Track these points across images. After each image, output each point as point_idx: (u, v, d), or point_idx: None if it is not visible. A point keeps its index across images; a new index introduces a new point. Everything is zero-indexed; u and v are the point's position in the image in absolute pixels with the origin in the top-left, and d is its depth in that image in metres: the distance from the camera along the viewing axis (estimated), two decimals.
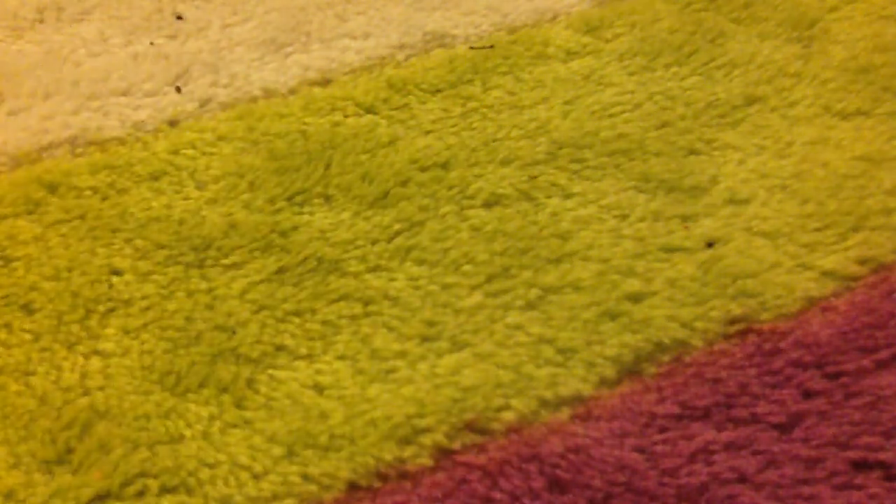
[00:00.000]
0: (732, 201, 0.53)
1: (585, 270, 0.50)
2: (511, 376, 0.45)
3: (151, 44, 0.68)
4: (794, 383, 0.45)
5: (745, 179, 0.54)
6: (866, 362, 0.45)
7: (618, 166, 0.56)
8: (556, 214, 0.54)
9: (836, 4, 0.61)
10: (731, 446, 0.42)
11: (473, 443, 0.43)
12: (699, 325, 0.48)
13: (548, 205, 0.54)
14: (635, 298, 0.49)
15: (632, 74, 0.62)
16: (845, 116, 0.56)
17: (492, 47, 0.66)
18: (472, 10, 0.69)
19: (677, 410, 0.44)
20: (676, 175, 0.55)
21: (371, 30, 0.69)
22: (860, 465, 0.42)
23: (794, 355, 0.46)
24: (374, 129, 0.60)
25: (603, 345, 0.47)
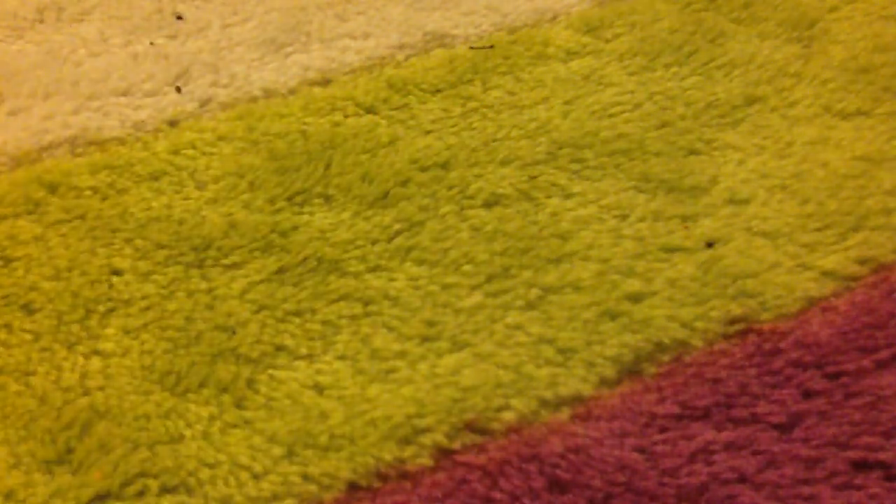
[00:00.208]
0: (732, 201, 0.53)
1: (585, 270, 0.50)
2: (511, 376, 0.45)
3: (151, 44, 0.69)
4: (794, 383, 0.45)
5: (745, 179, 0.54)
6: (866, 362, 0.45)
7: (618, 166, 0.56)
8: (556, 214, 0.54)
9: (836, 4, 0.61)
10: (731, 446, 0.42)
11: (473, 443, 0.43)
12: (699, 325, 0.48)
13: (548, 205, 0.54)
14: (635, 298, 0.49)
15: (632, 74, 0.62)
16: (845, 116, 0.56)
17: (492, 47, 0.66)
18: (472, 10, 0.69)
19: (677, 410, 0.44)
20: (676, 175, 0.55)
21: (371, 30, 0.69)
22: (860, 465, 0.42)
23: (794, 355, 0.46)
24: (374, 129, 0.60)
25: (603, 345, 0.47)
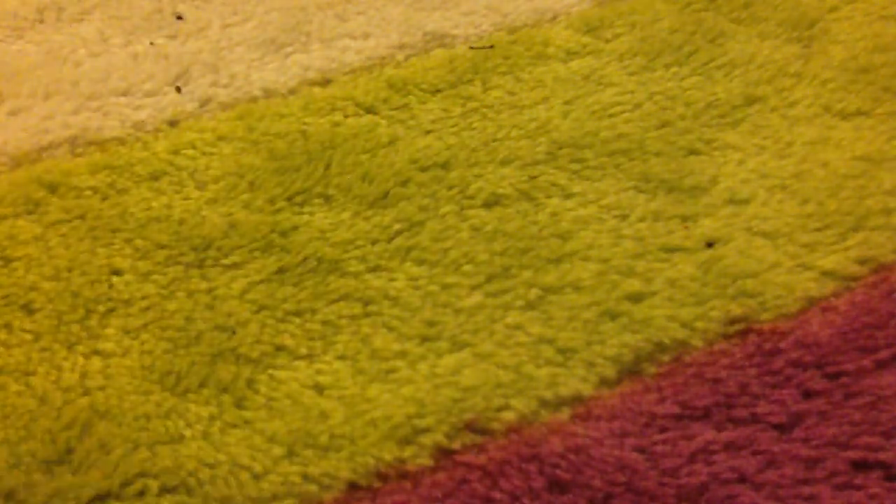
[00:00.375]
0: (732, 201, 0.53)
1: (585, 270, 0.50)
2: (511, 376, 0.45)
3: (151, 44, 0.68)
4: (794, 383, 0.45)
5: (745, 179, 0.54)
6: (866, 362, 0.45)
7: (618, 166, 0.56)
8: (556, 214, 0.54)
9: (836, 4, 0.61)
10: (731, 446, 0.42)
11: (473, 443, 0.43)
12: (699, 325, 0.48)
13: (548, 205, 0.54)
14: (635, 298, 0.49)
15: (632, 74, 0.62)
16: (845, 116, 0.56)
17: (492, 47, 0.66)
18: (472, 10, 0.69)
19: (677, 410, 0.44)
20: (676, 175, 0.55)
21: (371, 30, 0.69)
22: (860, 465, 0.42)
23: (794, 355, 0.46)
24: (374, 129, 0.60)
25: (603, 345, 0.47)
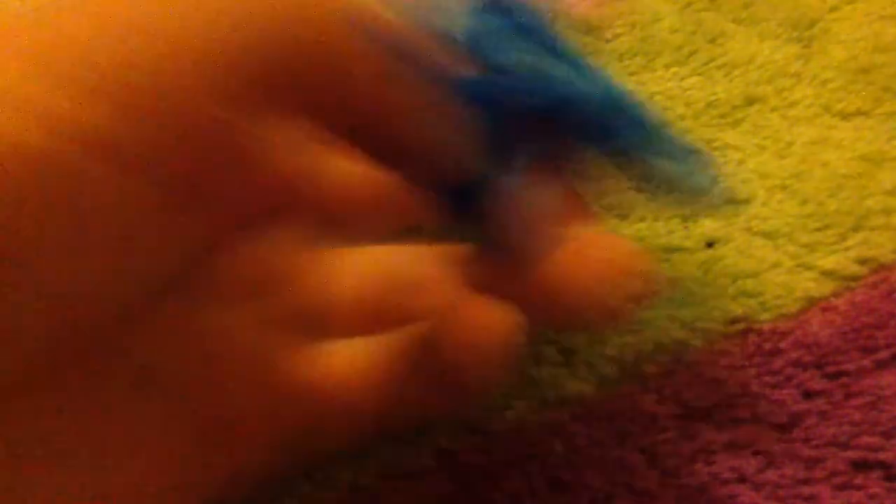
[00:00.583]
0: (732, 201, 0.53)
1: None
2: (512, 377, 0.45)
3: None
4: (794, 383, 0.45)
5: (745, 179, 0.54)
6: (866, 362, 0.45)
7: (618, 166, 0.56)
8: None
9: (836, 4, 0.61)
10: (731, 446, 0.42)
11: (474, 443, 0.43)
12: (699, 325, 0.48)
13: None
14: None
15: (632, 74, 0.62)
16: (845, 116, 0.56)
17: None
18: None
19: (677, 410, 0.44)
20: (676, 175, 0.55)
21: None
22: (860, 465, 0.42)
23: (794, 355, 0.46)
24: None
25: (603, 345, 0.47)
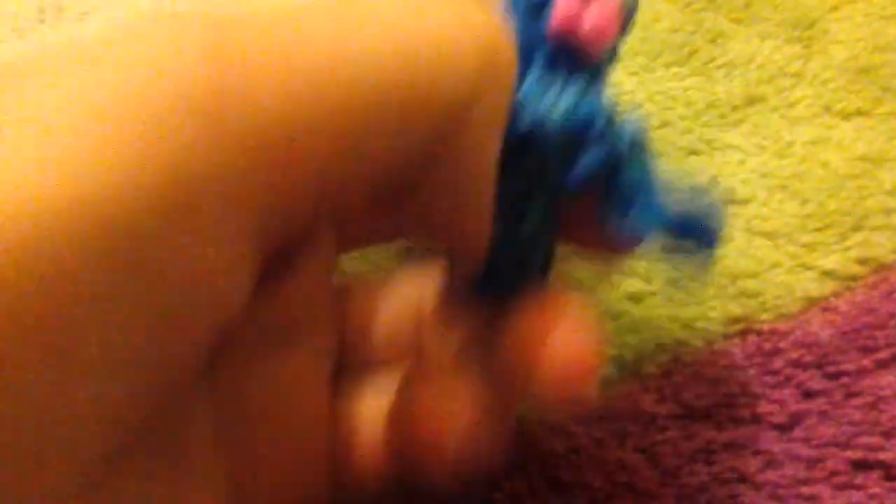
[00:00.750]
0: (732, 201, 0.53)
1: (586, 270, 0.50)
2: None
3: None
4: (794, 383, 0.45)
5: (745, 179, 0.54)
6: (866, 362, 0.45)
7: None
8: None
9: (836, 4, 0.61)
10: (731, 446, 0.42)
11: None
12: (699, 325, 0.48)
13: None
14: (635, 298, 0.49)
15: (632, 74, 0.62)
16: (845, 116, 0.56)
17: None
18: None
19: (677, 410, 0.44)
20: (676, 175, 0.55)
21: None
22: (860, 465, 0.42)
23: (794, 355, 0.46)
24: None
25: (604, 345, 0.47)
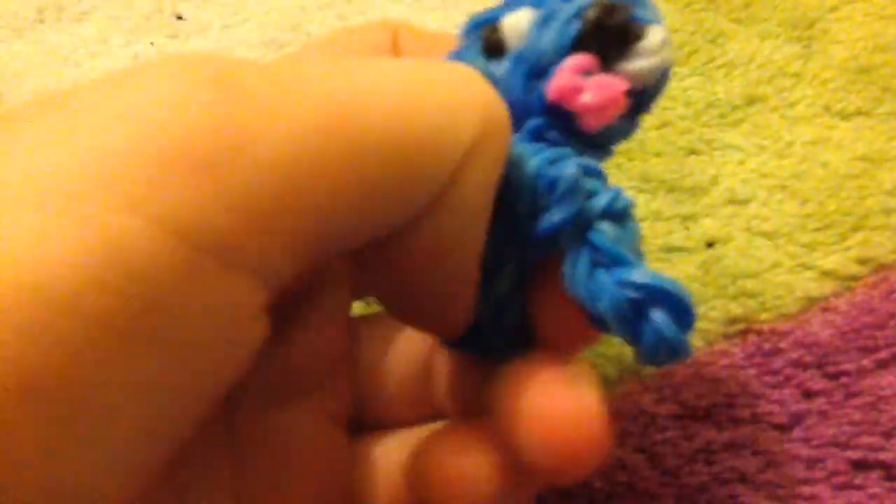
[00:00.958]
0: (732, 201, 0.53)
1: None
2: None
3: (151, 44, 0.68)
4: (794, 383, 0.45)
5: (745, 179, 0.54)
6: (866, 362, 0.45)
7: (618, 166, 0.56)
8: None
9: (836, 4, 0.61)
10: (731, 446, 0.42)
11: None
12: (699, 325, 0.48)
13: None
14: None
15: None
16: (845, 116, 0.56)
17: None
18: (472, 11, 0.69)
19: (677, 410, 0.44)
20: (676, 175, 0.55)
21: None
22: (860, 465, 0.42)
23: (794, 355, 0.46)
24: None
25: (603, 344, 0.47)
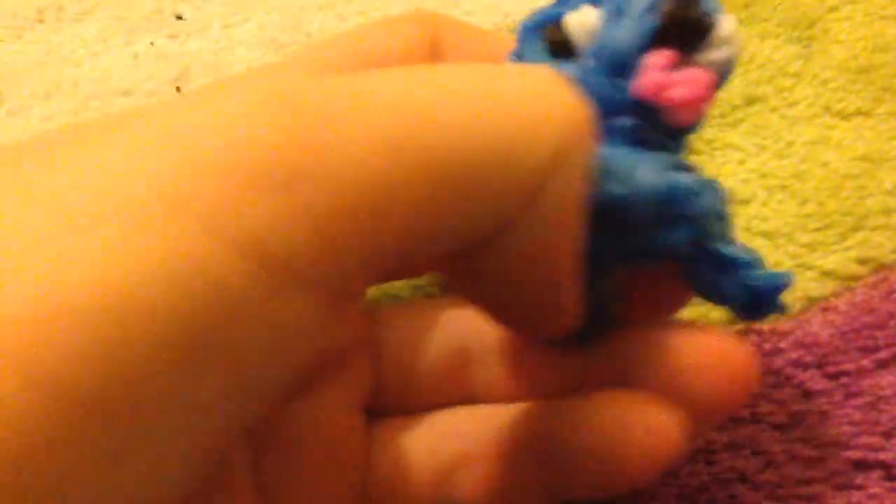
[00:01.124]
0: (732, 201, 0.53)
1: None
2: None
3: (151, 44, 0.68)
4: (794, 383, 0.45)
5: (745, 179, 0.54)
6: (866, 362, 0.45)
7: None
8: None
9: (836, 4, 0.61)
10: (731, 446, 0.42)
11: None
12: (699, 325, 0.48)
13: None
14: None
15: None
16: (845, 116, 0.56)
17: None
18: (472, 11, 0.69)
19: None
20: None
21: None
22: (860, 465, 0.42)
23: (794, 355, 0.46)
24: None
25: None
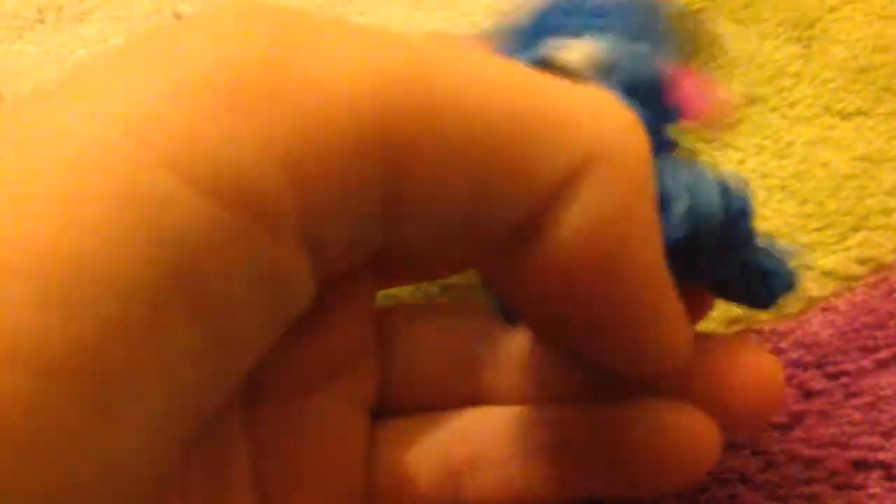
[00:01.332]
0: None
1: None
2: None
3: None
4: (794, 383, 0.45)
5: (745, 179, 0.54)
6: (866, 362, 0.45)
7: None
8: None
9: (836, 4, 0.61)
10: (731, 446, 0.42)
11: None
12: (699, 325, 0.47)
13: None
14: None
15: None
16: (845, 116, 0.56)
17: None
18: (472, 11, 0.69)
19: None
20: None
21: None
22: (860, 465, 0.42)
23: (794, 355, 0.46)
24: None
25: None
